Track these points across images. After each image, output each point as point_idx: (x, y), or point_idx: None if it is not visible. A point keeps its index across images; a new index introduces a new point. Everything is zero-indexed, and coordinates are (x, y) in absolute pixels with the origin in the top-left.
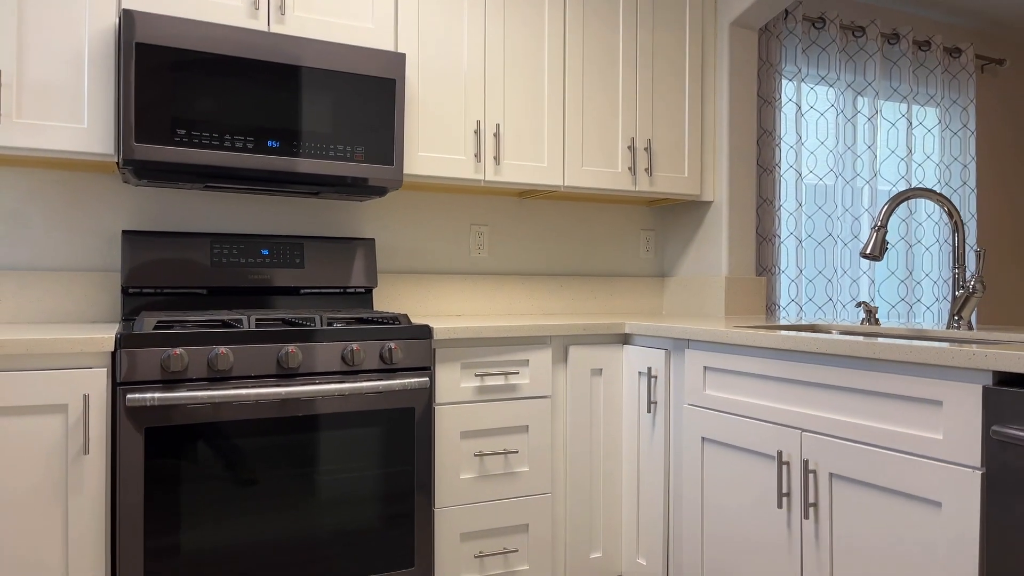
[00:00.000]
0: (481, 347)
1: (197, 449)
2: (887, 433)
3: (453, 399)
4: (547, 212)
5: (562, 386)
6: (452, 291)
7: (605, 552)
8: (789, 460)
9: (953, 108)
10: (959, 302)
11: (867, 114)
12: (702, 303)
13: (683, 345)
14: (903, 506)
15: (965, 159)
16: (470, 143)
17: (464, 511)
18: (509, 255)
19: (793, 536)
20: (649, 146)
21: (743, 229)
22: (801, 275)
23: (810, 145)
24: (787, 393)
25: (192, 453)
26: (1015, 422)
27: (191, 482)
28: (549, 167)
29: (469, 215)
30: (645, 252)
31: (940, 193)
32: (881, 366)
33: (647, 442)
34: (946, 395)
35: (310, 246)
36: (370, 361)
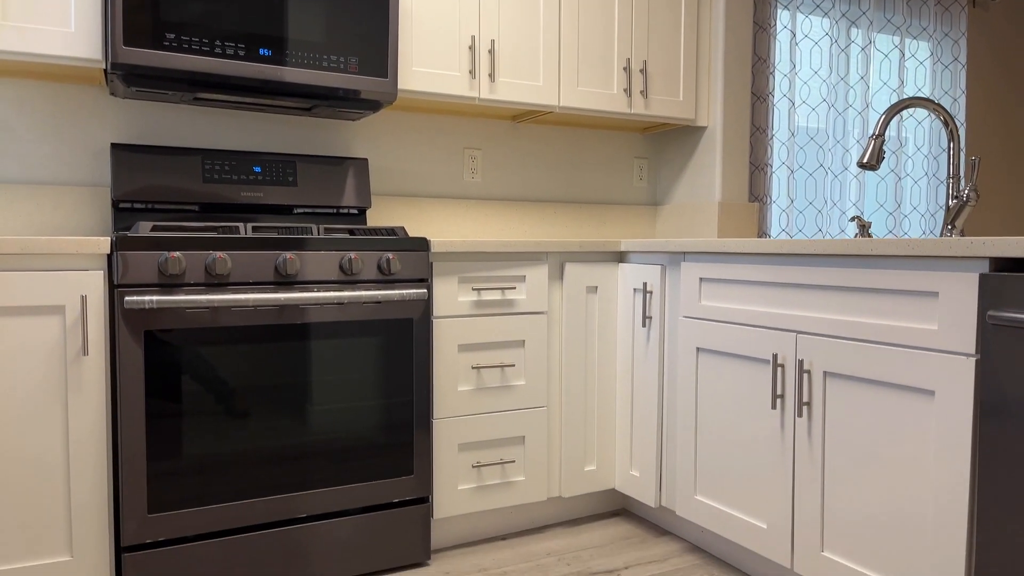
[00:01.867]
0: (478, 261)
1: (197, 354)
2: (882, 328)
3: (451, 312)
4: (541, 137)
5: (558, 302)
6: (445, 215)
7: (599, 465)
8: (784, 362)
9: (945, 41)
10: (952, 212)
11: (860, 44)
12: (695, 229)
13: (679, 259)
14: (897, 398)
15: (955, 93)
16: (464, 59)
17: (462, 422)
18: (503, 180)
19: (786, 435)
20: (645, 68)
21: (737, 156)
22: (792, 205)
23: (804, 75)
24: (782, 297)
25: (192, 358)
26: (1012, 306)
27: (192, 386)
28: (544, 86)
29: (462, 138)
30: (639, 180)
31: (936, 102)
32: (877, 263)
33: (641, 357)
34: (942, 286)
35: (303, 164)
36: (368, 271)
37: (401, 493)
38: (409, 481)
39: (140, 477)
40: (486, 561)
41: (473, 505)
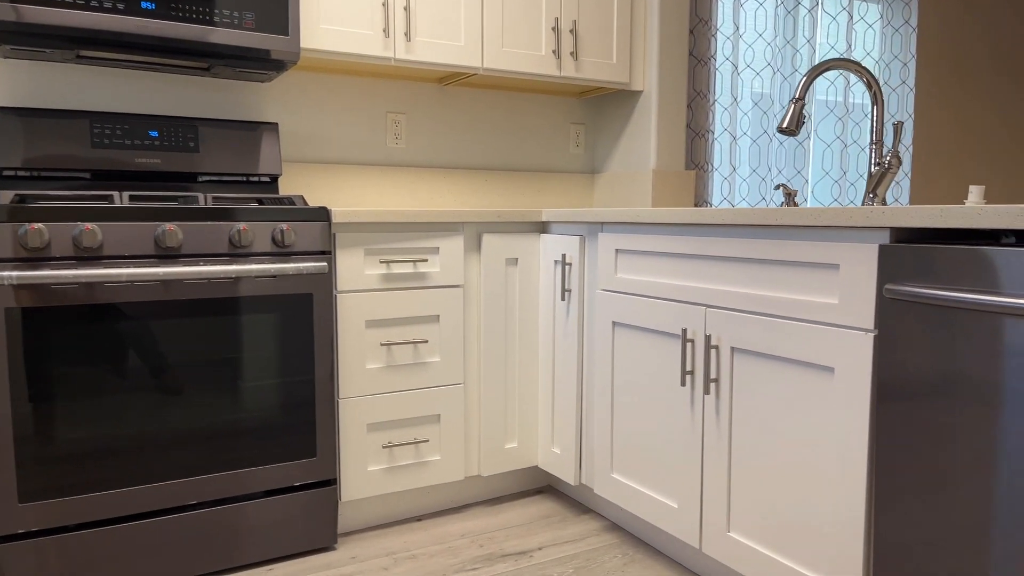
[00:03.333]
0: (387, 232)
1: (72, 333)
2: (786, 302)
3: (356, 287)
4: (471, 101)
5: (475, 275)
6: (368, 183)
7: (521, 442)
8: (694, 337)
9: (896, 3)
10: (875, 179)
11: (807, 6)
12: (630, 198)
13: (597, 229)
14: (799, 374)
15: (905, 57)
16: (378, 16)
17: (371, 401)
18: (430, 146)
19: (696, 413)
20: (575, 28)
21: (673, 121)
22: (735, 173)
23: (748, 37)
24: (693, 269)
25: (66, 338)
26: (909, 279)
27: (66, 368)
28: (466, 47)
29: (385, 102)
30: (575, 147)
31: (858, 63)
32: (782, 233)
33: (562, 331)
34: (843, 257)
35: (205, 128)
36: (261, 243)
37: (304, 476)
38: (312, 463)
39: (7, 465)
40: (396, 544)
41: (384, 487)
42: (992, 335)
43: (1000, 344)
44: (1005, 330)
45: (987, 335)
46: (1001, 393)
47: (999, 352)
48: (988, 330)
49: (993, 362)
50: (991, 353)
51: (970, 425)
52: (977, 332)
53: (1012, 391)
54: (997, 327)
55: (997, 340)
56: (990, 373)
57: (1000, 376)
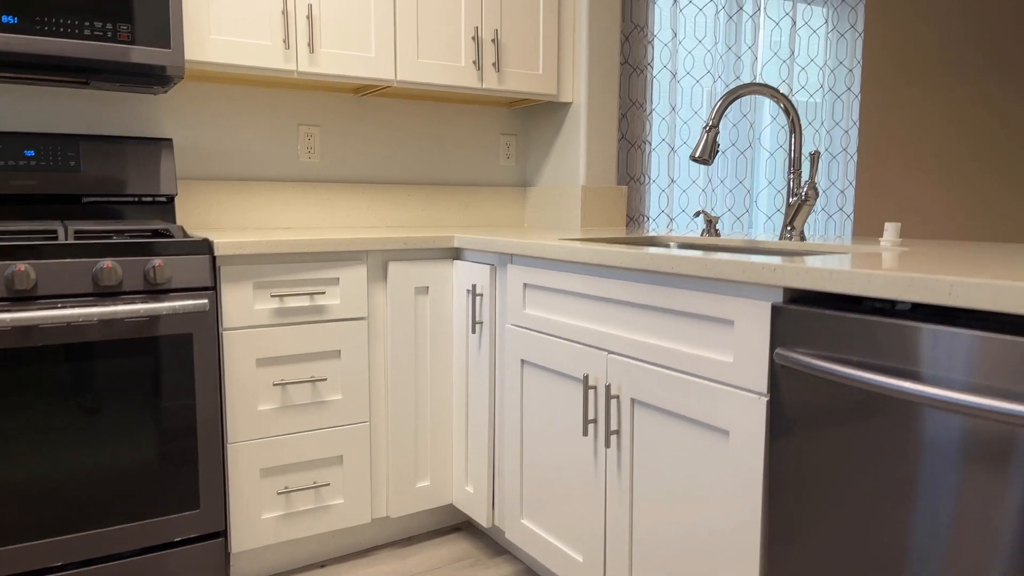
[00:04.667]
0: (279, 264)
1: None
2: (684, 356)
3: (245, 323)
4: (391, 111)
5: (381, 306)
6: (279, 201)
7: (434, 480)
8: (596, 384)
9: (842, 7)
10: (792, 210)
11: (750, 11)
12: (560, 215)
13: (507, 260)
14: (697, 434)
15: (851, 63)
16: (277, 26)
17: (265, 445)
18: (347, 160)
19: (599, 465)
20: (497, 37)
21: (604, 134)
22: (673, 184)
23: (687, 44)
24: (596, 311)
25: None
26: (801, 344)
27: None
28: (378, 58)
29: (296, 113)
30: (506, 159)
31: (776, 88)
32: (680, 281)
33: (474, 364)
34: (738, 313)
35: (89, 146)
36: (131, 281)
37: (186, 530)
38: (195, 516)
39: None
40: None
41: (280, 535)
42: (878, 412)
43: (887, 423)
44: (891, 409)
45: (872, 412)
46: (893, 473)
47: (885, 430)
48: (873, 407)
49: (880, 440)
50: (877, 430)
51: (863, 502)
52: (863, 408)
53: (901, 474)
54: (883, 405)
55: (883, 417)
56: (877, 450)
57: (890, 455)
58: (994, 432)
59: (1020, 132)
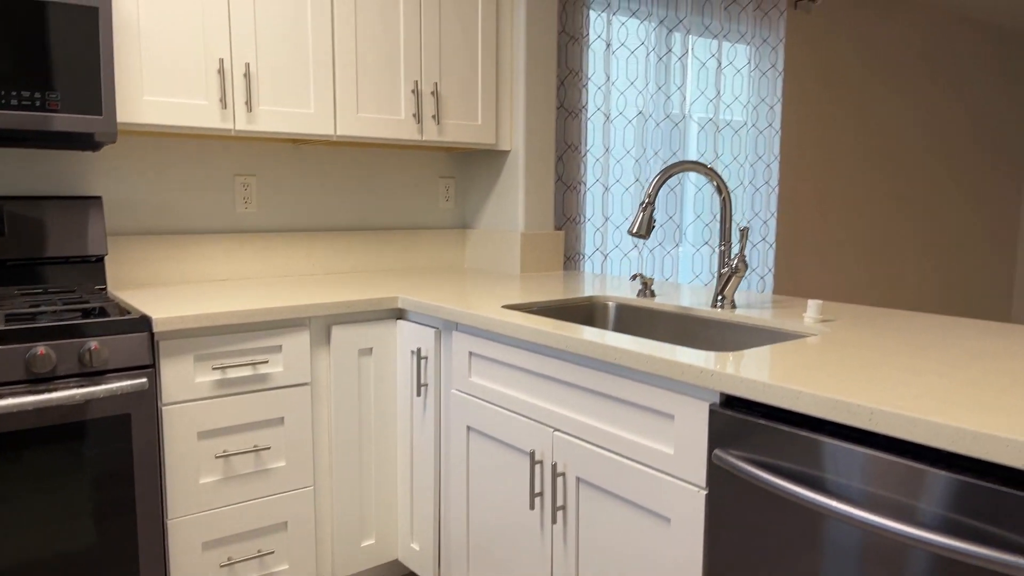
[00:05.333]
0: (220, 335)
1: None
2: (627, 442)
3: (185, 397)
4: (329, 159)
5: (324, 370)
6: (215, 253)
7: (379, 537)
8: (542, 459)
9: (764, 47)
10: (723, 280)
11: (678, 53)
12: (501, 258)
13: (452, 327)
14: (640, 519)
15: (772, 100)
16: (213, 85)
17: (206, 518)
18: (284, 209)
19: (545, 539)
20: (436, 90)
21: (542, 180)
22: (607, 222)
23: (620, 85)
24: (542, 389)
25: None
26: (735, 446)
27: None
28: (317, 114)
29: (232, 164)
30: (445, 202)
31: (709, 166)
32: (624, 371)
33: (419, 426)
34: (678, 410)
35: (12, 207)
36: (67, 365)
37: None
38: None
39: None
40: None
41: None
42: (804, 522)
43: (813, 533)
44: (817, 522)
45: (799, 521)
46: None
47: (812, 540)
48: (800, 517)
49: (808, 548)
50: (803, 537)
51: None
52: (791, 516)
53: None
54: (809, 517)
55: (809, 528)
56: (798, 552)
57: (807, 557)
58: (884, 544)
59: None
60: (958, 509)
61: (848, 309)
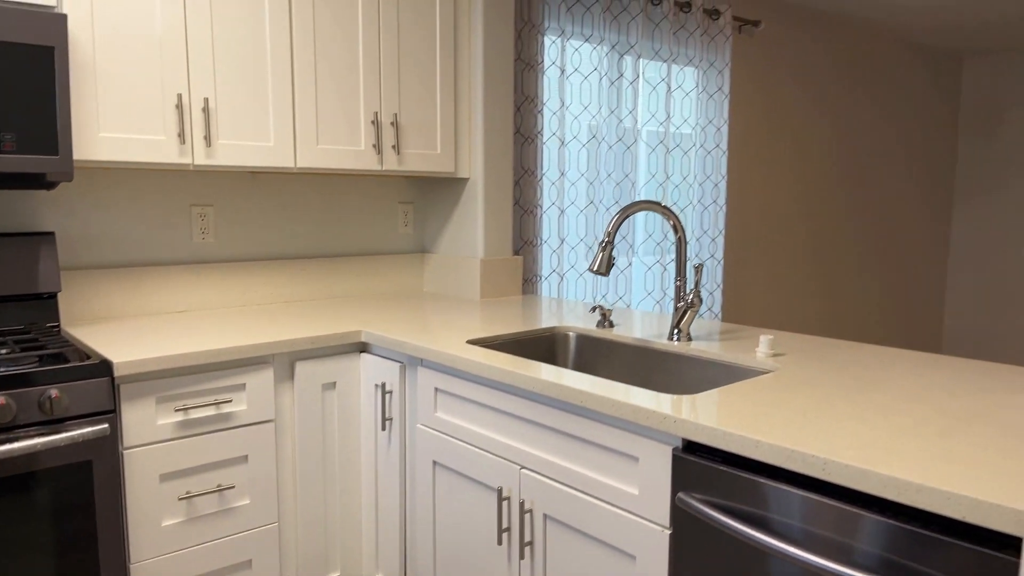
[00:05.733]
0: (183, 376)
1: None
2: (594, 482)
3: (147, 440)
4: (287, 187)
5: (288, 406)
6: (172, 285)
7: (344, 570)
8: (510, 496)
9: (710, 71)
10: (679, 314)
11: (630, 78)
12: (461, 283)
13: (417, 362)
14: (606, 556)
15: (719, 122)
16: (171, 121)
17: (170, 561)
18: (242, 238)
19: (512, 572)
20: (396, 121)
21: (500, 206)
22: (563, 244)
23: (574, 110)
24: (509, 427)
25: None
26: (698, 490)
27: None
28: (276, 147)
29: (189, 195)
30: (404, 227)
31: (665, 206)
32: (587, 412)
33: (384, 460)
34: (642, 452)
35: None
36: (27, 414)
37: None
38: None
39: None
40: None
41: None
42: (763, 564)
43: (761, 568)
44: (775, 565)
45: (759, 563)
46: None
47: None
48: (760, 559)
49: None
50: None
51: None
52: (751, 558)
53: None
54: (768, 560)
55: (767, 570)
56: None
57: None
58: None
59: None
60: (904, 554)
61: (796, 342)
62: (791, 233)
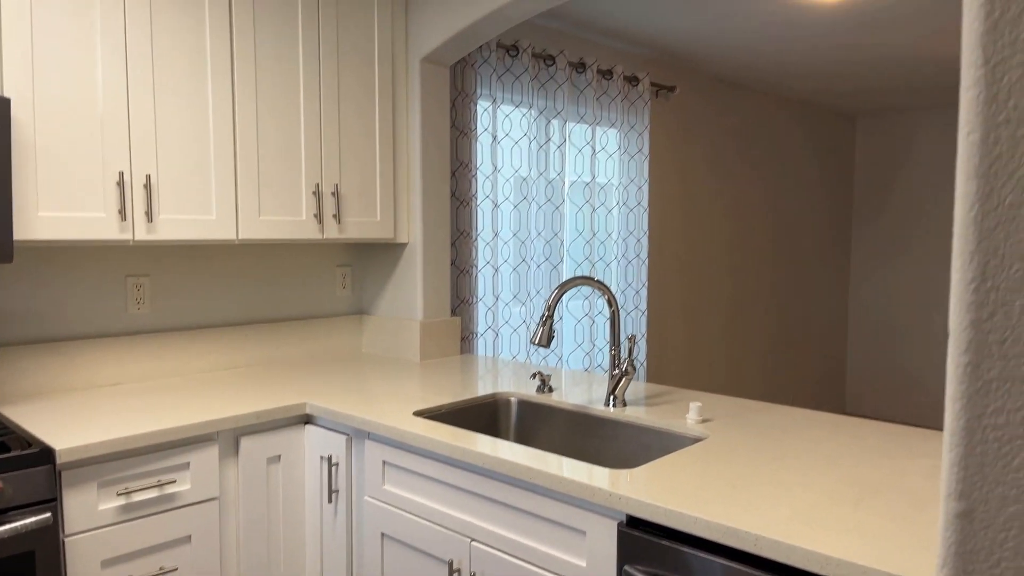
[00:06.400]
0: (126, 459)
1: None
2: (543, 554)
3: (88, 527)
4: (225, 255)
5: (233, 482)
6: (105, 358)
7: None
8: (460, 568)
9: (631, 133)
10: (614, 381)
11: (557, 141)
12: (400, 345)
13: (363, 435)
14: None
15: (640, 181)
16: (112, 198)
17: None
18: (179, 307)
19: None
20: (337, 191)
21: (438, 269)
22: (498, 301)
23: (505, 173)
24: (458, 500)
25: None
26: (642, 563)
27: None
28: (219, 220)
29: (125, 266)
30: (342, 289)
31: (600, 281)
32: (535, 487)
33: (330, 532)
34: (588, 527)
35: None
36: None
37: None
38: None
39: None
40: None
41: None
42: None
43: None
44: None
45: None
46: None
47: None
48: None
49: None
50: None
51: None
52: None
53: None
54: None
55: None
56: None
57: None
58: None
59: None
60: None
61: (721, 405)
62: (705, 283)
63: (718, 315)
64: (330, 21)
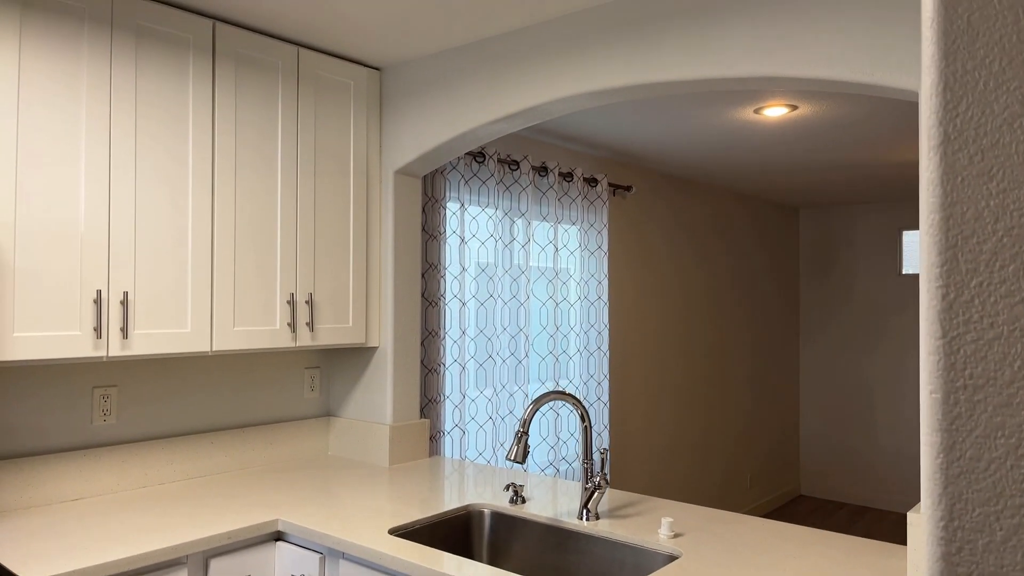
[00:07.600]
0: None
1: None
2: None
3: None
4: (194, 364)
5: None
6: (67, 473)
7: None
8: None
9: (591, 231)
10: (587, 495)
11: (521, 240)
12: (368, 449)
13: (338, 555)
14: None
15: (600, 276)
16: (88, 316)
17: None
18: (145, 417)
19: None
20: (311, 299)
21: (408, 372)
22: (465, 398)
23: (472, 272)
24: None
25: None
26: None
27: None
28: (194, 333)
29: (91, 377)
30: (310, 391)
31: (574, 396)
32: None
33: None
34: None
35: None
36: None
37: None
38: None
39: None
40: None
41: None
42: None
43: None
44: None
45: None
46: None
47: None
48: None
49: None
50: None
51: None
52: None
53: None
54: None
55: None
56: None
57: None
58: None
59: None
60: None
61: (692, 518)
62: (665, 373)
63: (676, 402)
64: (308, 135)
